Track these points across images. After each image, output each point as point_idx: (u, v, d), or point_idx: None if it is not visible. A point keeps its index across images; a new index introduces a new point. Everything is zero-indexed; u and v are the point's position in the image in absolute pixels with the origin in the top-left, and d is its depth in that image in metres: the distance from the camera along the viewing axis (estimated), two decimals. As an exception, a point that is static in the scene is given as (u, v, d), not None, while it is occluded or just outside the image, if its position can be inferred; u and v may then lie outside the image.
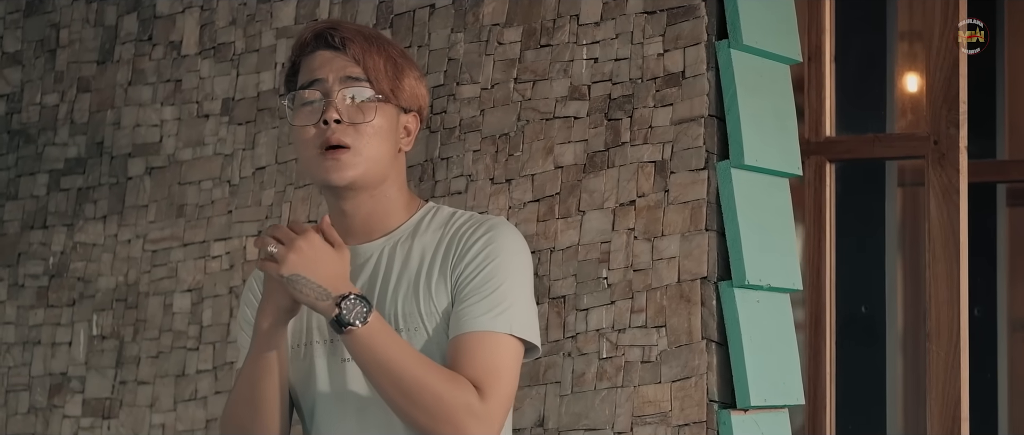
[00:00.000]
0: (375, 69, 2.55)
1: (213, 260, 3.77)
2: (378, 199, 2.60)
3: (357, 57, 2.54)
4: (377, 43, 2.58)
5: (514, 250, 2.52)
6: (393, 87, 2.56)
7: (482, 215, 2.56)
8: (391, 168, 2.60)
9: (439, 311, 2.52)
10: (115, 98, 4.01)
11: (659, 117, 3.20)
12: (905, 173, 4.34)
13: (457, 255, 2.53)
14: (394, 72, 2.58)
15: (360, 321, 2.39)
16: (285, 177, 3.68)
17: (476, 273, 2.49)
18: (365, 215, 2.60)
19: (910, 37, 4.38)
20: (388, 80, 2.55)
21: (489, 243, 2.51)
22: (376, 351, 2.41)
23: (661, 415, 3.12)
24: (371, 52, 2.55)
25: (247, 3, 3.81)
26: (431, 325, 2.52)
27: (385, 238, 2.60)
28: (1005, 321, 5.06)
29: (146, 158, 3.93)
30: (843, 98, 3.87)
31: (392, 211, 2.62)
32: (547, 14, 3.36)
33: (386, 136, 2.56)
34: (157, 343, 3.86)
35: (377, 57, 2.56)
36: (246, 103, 3.78)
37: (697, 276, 3.12)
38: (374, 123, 2.53)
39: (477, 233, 2.53)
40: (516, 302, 2.48)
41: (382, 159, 2.56)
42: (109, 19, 4.07)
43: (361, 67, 2.54)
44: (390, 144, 2.58)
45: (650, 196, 3.19)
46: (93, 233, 4.01)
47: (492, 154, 3.38)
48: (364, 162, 2.53)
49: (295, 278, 2.38)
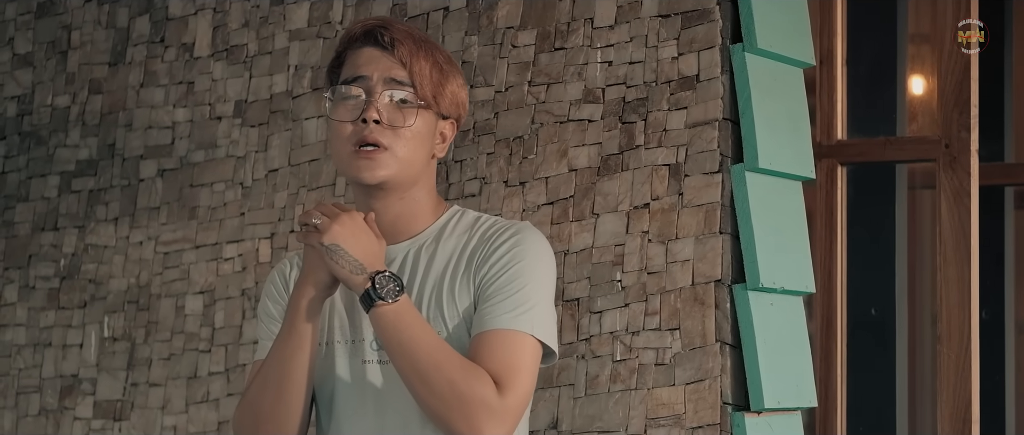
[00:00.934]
0: (420, 74, 2.55)
1: (225, 262, 3.77)
2: (407, 201, 2.61)
3: (404, 59, 2.54)
4: (426, 47, 2.58)
5: (540, 255, 2.53)
6: (436, 93, 2.56)
7: (509, 220, 2.57)
8: (423, 172, 2.60)
9: (460, 312, 2.52)
10: (127, 100, 4.02)
11: (673, 120, 3.21)
12: (915, 176, 4.35)
13: (482, 256, 2.53)
14: (439, 78, 2.58)
15: (391, 298, 2.40)
16: (298, 179, 3.69)
17: (501, 273, 2.50)
18: (393, 216, 2.61)
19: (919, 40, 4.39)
20: (432, 86, 2.55)
21: (516, 245, 2.52)
22: (401, 331, 2.42)
23: (675, 417, 3.13)
24: (419, 55, 2.55)
25: (260, 5, 3.82)
26: (453, 326, 2.53)
27: (410, 241, 2.61)
28: (1012, 324, 5.07)
29: (158, 160, 3.94)
30: (853, 101, 3.88)
31: (419, 214, 2.63)
32: (561, 17, 3.37)
33: (422, 141, 2.57)
34: (169, 345, 3.86)
35: (424, 61, 2.56)
36: (259, 105, 3.79)
37: (711, 279, 3.12)
38: (413, 127, 2.54)
39: (503, 235, 2.54)
40: (539, 305, 2.49)
41: (415, 163, 2.57)
42: (121, 21, 4.07)
43: (407, 70, 2.54)
44: (425, 149, 2.58)
45: (664, 199, 3.20)
46: (104, 235, 4.01)
47: (506, 157, 3.39)
48: (397, 163, 2.54)
49: (335, 247, 2.40)
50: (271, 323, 2.68)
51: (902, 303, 4.14)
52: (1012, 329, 5.13)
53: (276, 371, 2.53)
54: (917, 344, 4.46)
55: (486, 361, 2.45)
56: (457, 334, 2.53)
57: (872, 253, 4.05)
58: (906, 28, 4.21)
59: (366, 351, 2.58)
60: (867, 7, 4.06)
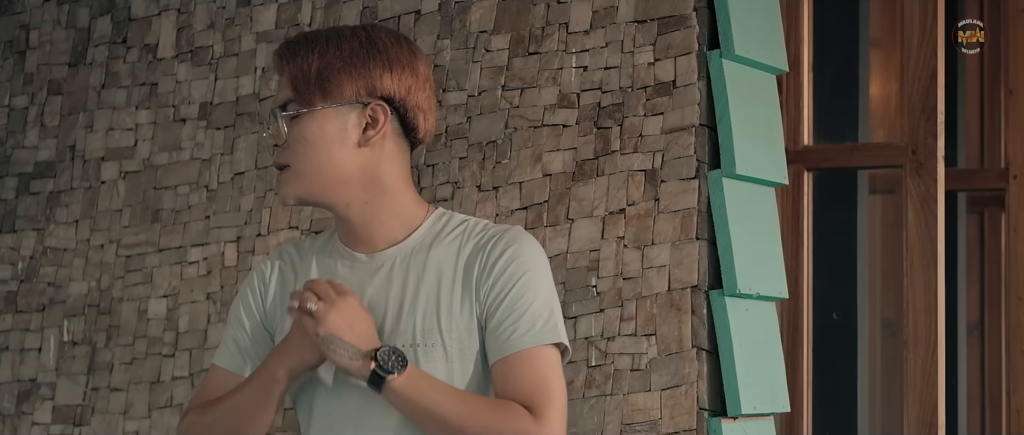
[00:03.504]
0: (297, 77, 2.48)
1: (190, 266, 3.73)
2: (369, 207, 2.52)
3: (283, 71, 2.49)
4: (308, 45, 2.49)
5: (537, 260, 2.48)
6: (323, 87, 2.45)
7: (497, 225, 2.51)
8: (354, 171, 2.50)
9: (460, 328, 2.47)
10: (87, 101, 3.97)
11: (649, 126, 3.21)
12: (876, 181, 4.38)
13: (481, 272, 2.47)
14: (323, 69, 2.46)
15: (398, 369, 2.34)
16: (265, 183, 3.66)
17: (507, 291, 2.44)
18: (360, 226, 2.54)
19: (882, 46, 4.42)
20: (315, 83, 2.46)
21: (514, 258, 2.45)
22: (420, 397, 2.37)
23: (651, 423, 3.13)
24: (295, 59, 2.46)
25: (226, 7, 3.78)
26: (449, 342, 2.48)
27: (397, 247, 2.55)
28: (965, 326, 5.13)
29: (120, 162, 3.89)
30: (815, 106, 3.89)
31: (393, 215, 2.54)
32: (536, 22, 3.36)
33: (325, 143, 2.46)
34: (131, 349, 3.82)
35: (301, 62, 2.46)
36: (225, 107, 3.75)
37: (687, 285, 3.13)
38: (302, 136, 2.45)
39: (498, 247, 2.48)
40: (551, 312, 2.43)
41: (328, 167, 2.46)
42: (81, 21, 4.02)
43: (290, 82, 2.49)
44: (334, 149, 2.47)
45: (640, 204, 3.20)
46: (64, 238, 3.96)
47: (479, 161, 3.37)
48: (301, 177, 2.46)
49: (331, 338, 2.34)
50: (238, 331, 2.61)
51: (863, 307, 4.17)
52: (964, 331, 5.19)
53: (232, 419, 2.48)
54: (876, 348, 4.49)
55: (516, 388, 2.39)
56: (454, 352, 2.49)
57: (833, 257, 4.07)
58: (867, 34, 4.24)
59: None
60: (829, 13, 4.08)
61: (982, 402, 5.40)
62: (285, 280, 2.63)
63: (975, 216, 5.28)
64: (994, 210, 5.25)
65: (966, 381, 5.15)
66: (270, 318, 2.63)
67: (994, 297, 5.25)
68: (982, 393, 5.41)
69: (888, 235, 4.54)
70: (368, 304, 2.51)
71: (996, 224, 5.25)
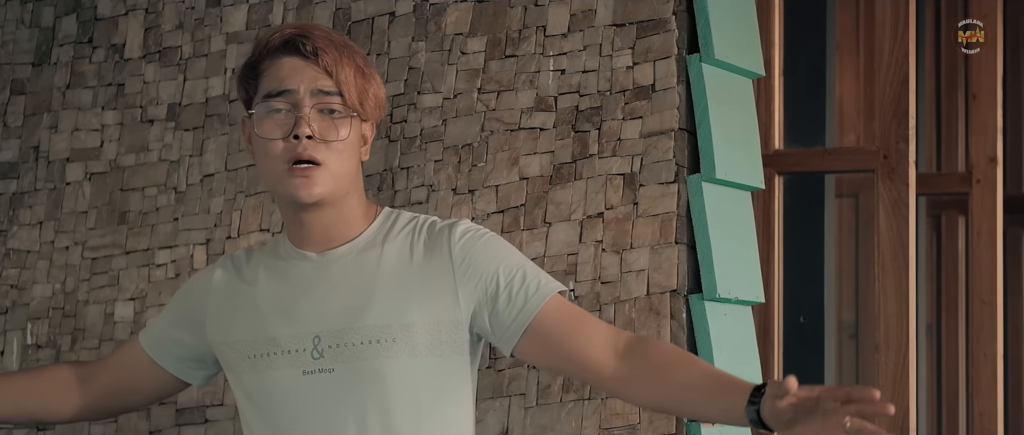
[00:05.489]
0: (347, 81, 2.50)
1: (158, 268, 3.69)
2: (339, 209, 2.58)
3: (329, 68, 2.49)
4: (347, 52, 2.54)
5: (495, 235, 2.65)
6: (362, 99, 2.52)
7: (443, 220, 2.59)
8: (355, 180, 2.57)
9: (427, 322, 2.50)
10: (52, 101, 3.91)
11: (628, 130, 3.20)
12: (843, 184, 4.40)
13: (463, 267, 2.52)
14: (363, 83, 2.55)
15: None
16: (235, 185, 3.62)
17: (494, 275, 2.50)
18: (325, 225, 2.58)
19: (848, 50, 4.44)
20: (358, 92, 2.52)
21: (477, 240, 2.57)
22: None
23: (629, 428, 3.12)
24: (343, 62, 2.51)
25: (195, 7, 3.74)
26: (413, 336, 2.50)
27: (349, 245, 2.58)
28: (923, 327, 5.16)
29: (86, 163, 3.84)
30: (784, 111, 3.91)
31: (352, 219, 2.61)
32: (513, 25, 3.35)
33: (353, 151, 2.54)
34: (97, 352, 3.77)
35: (348, 68, 2.51)
36: (193, 109, 3.71)
37: (666, 289, 3.12)
38: (346, 140, 2.50)
39: (463, 238, 2.58)
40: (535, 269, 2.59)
41: (349, 173, 2.54)
42: (46, 20, 3.96)
43: (333, 79, 2.50)
44: (356, 158, 2.56)
45: (619, 208, 3.19)
46: (28, 239, 3.91)
47: (455, 164, 3.36)
48: (332, 178, 2.51)
49: None
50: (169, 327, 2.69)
51: (830, 310, 4.19)
52: (922, 332, 5.22)
53: None
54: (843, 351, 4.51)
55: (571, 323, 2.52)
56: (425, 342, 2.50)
57: (802, 261, 4.09)
58: (834, 38, 4.26)
59: (306, 361, 2.54)
60: (797, 17, 4.10)
61: (938, 404, 5.44)
62: (231, 285, 2.66)
63: (932, 219, 5.32)
64: (951, 213, 5.29)
65: (925, 383, 5.18)
66: (198, 325, 2.69)
67: (951, 300, 5.29)
68: (938, 395, 5.45)
69: (853, 238, 4.57)
70: (319, 303, 2.53)
71: (953, 227, 5.29)
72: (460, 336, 2.56)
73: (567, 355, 2.51)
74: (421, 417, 2.53)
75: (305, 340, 2.52)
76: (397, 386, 2.50)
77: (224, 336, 2.70)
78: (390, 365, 2.48)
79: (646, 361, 2.47)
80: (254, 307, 2.62)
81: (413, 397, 2.51)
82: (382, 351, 2.48)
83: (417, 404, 2.52)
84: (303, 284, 2.56)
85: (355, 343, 2.48)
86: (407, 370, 2.52)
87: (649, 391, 2.44)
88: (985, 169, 4.39)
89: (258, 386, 2.60)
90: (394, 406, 2.50)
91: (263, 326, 2.61)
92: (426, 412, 2.53)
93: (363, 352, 2.47)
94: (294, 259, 2.65)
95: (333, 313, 2.52)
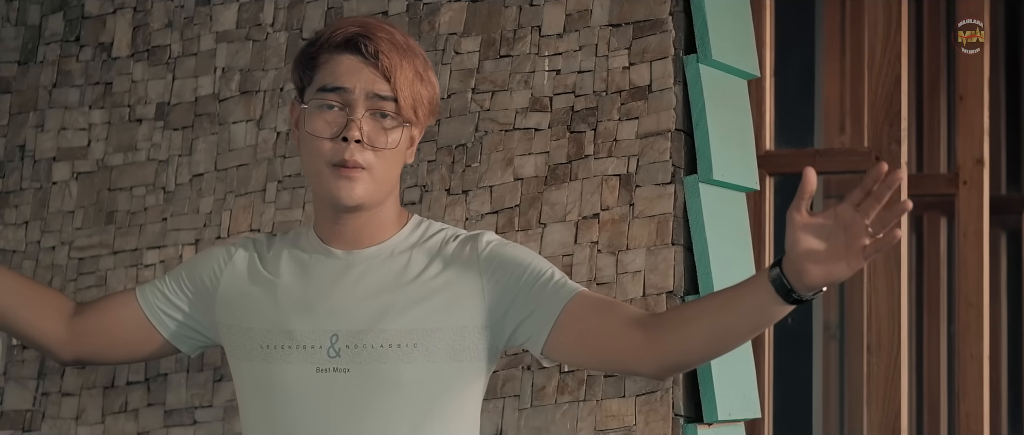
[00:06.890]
0: (403, 88, 2.48)
1: (146, 268, 3.66)
2: (374, 212, 2.57)
3: (387, 72, 2.47)
4: (409, 57, 2.52)
5: (521, 245, 2.68)
6: (416, 105, 2.51)
7: (468, 232, 2.60)
8: (395, 185, 2.56)
9: (451, 327, 2.48)
10: (38, 100, 3.88)
11: (624, 130, 3.19)
12: (831, 185, 4.40)
13: (491, 270, 2.51)
14: (420, 88, 2.52)
15: None
16: (225, 185, 3.60)
17: (522, 273, 2.51)
18: (358, 226, 2.57)
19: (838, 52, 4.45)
20: (413, 99, 2.50)
21: (504, 245, 2.57)
22: None
23: (625, 429, 3.11)
24: (403, 67, 2.49)
25: (184, 6, 3.71)
26: (435, 342, 2.48)
27: (378, 247, 2.56)
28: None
29: (72, 163, 3.81)
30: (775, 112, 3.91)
31: (385, 222, 2.59)
32: (507, 25, 3.33)
33: (400, 157, 2.53)
34: (85, 353, 3.74)
35: (408, 73, 2.50)
36: (182, 108, 3.68)
37: (663, 290, 3.12)
38: (395, 147, 2.49)
39: (491, 244, 2.58)
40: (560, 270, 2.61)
41: (393, 179, 2.53)
42: (32, 18, 3.93)
43: (390, 84, 2.48)
44: (401, 163, 2.55)
45: (614, 209, 3.18)
46: (13, 239, 3.87)
47: (448, 164, 3.34)
48: (375, 184, 2.49)
49: None
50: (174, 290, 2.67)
51: (817, 312, 4.19)
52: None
53: None
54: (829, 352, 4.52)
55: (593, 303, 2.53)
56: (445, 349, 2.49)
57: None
58: (823, 39, 4.26)
59: (321, 359, 2.51)
60: (788, 19, 4.10)
61: (920, 405, 5.46)
62: (252, 269, 2.64)
63: (913, 220, 5.32)
64: (934, 215, 5.31)
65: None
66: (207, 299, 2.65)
67: (933, 302, 5.31)
68: (920, 396, 5.46)
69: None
70: (340, 301, 2.50)
71: (936, 229, 5.30)
72: (483, 342, 2.54)
73: (602, 341, 2.49)
74: (431, 423, 2.51)
75: (322, 337, 2.49)
76: (412, 391, 2.48)
77: (236, 320, 2.65)
78: (408, 370, 2.46)
79: (667, 315, 2.52)
80: (272, 296, 2.58)
81: (426, 402, 2.50)
82: (402, 355, 2.47)
83: (429, 409, 2.50)
84: (326, 280, 2.53)
85: (374, 345, 2.46)
86: (425, 375, 2.50)
87: (685, 334, 2.42)
88: (972, 170, 4.41)
89: (266, 378, 2.56)
90: (406, 410, 2.48)
91: (280, 317, 2.57)
92: (437, 417, 2.52)
93: (383, 355, 2.45)
94: (318, 254, 2.62)
95: (354, 313, 2.49)
